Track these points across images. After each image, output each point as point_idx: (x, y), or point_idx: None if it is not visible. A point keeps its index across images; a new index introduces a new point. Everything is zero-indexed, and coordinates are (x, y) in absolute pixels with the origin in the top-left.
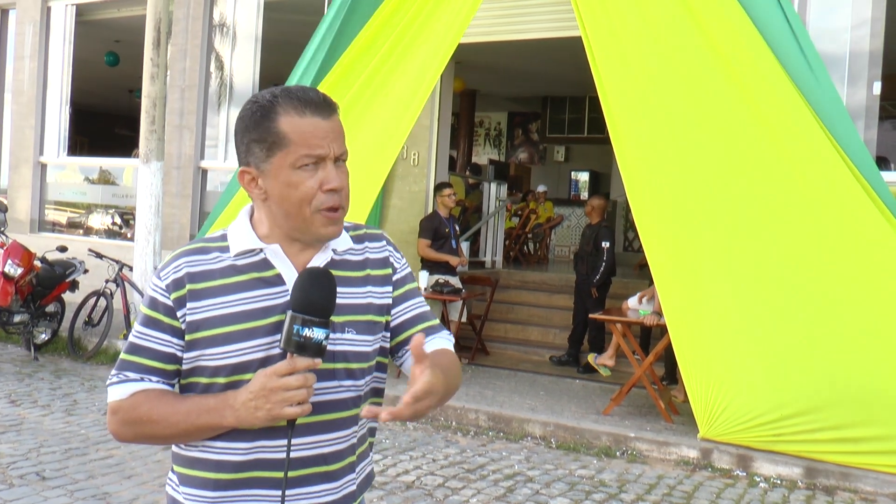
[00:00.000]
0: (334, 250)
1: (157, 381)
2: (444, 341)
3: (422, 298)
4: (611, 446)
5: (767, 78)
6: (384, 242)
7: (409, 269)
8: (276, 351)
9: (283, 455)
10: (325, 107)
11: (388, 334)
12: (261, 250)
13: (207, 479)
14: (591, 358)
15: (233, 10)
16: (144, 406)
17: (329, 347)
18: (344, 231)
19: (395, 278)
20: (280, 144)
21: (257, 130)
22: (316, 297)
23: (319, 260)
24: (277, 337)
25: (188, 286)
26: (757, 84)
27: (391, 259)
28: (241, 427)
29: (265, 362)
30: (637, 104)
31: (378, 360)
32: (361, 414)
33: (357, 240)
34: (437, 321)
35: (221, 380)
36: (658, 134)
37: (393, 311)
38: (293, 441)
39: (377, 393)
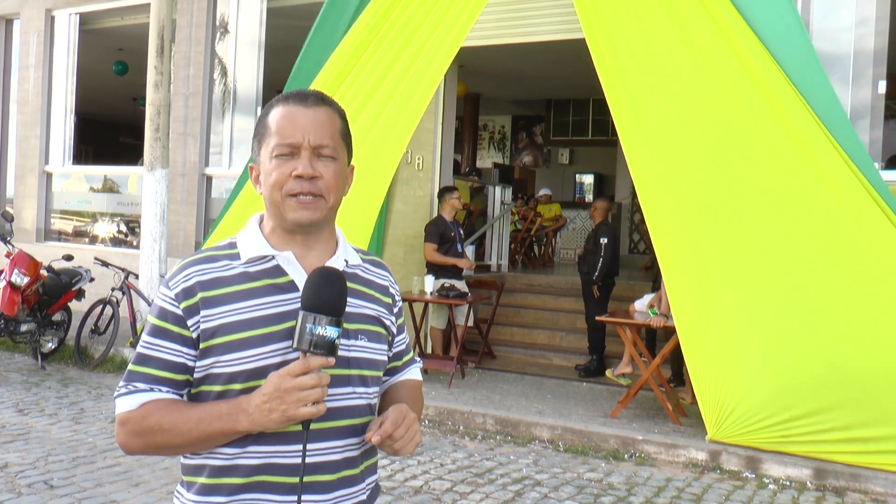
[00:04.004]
0: (346, 261)
1: (167, 391)
2: (417, 371)
3: (406, 332)
4: (619, 449)
5: (771, 80)
6: (387, 272)
7: (401, 303)
8: (293, 356)
9: (297, 460)
10: (311, 98)
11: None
12: (273, 257)
13: (219, 485)
14: (609, 374)
15: (236, 17)
16: (155, 416)
17: (343, 353)
18: (353, 250)
19: (395, 310)
20: (265, 135)
21: (257, 127)
22: (327, 295)
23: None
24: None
25: (200, 294)
26: (761, 87)
27: (391, 290)
28: (254, 431)
29: (281, 367)
30: (644, 107)
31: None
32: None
33: (364, 262)
34: (412, 352)
35: (237, 386)
36: (666, 137)
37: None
38: (307, 447)
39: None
